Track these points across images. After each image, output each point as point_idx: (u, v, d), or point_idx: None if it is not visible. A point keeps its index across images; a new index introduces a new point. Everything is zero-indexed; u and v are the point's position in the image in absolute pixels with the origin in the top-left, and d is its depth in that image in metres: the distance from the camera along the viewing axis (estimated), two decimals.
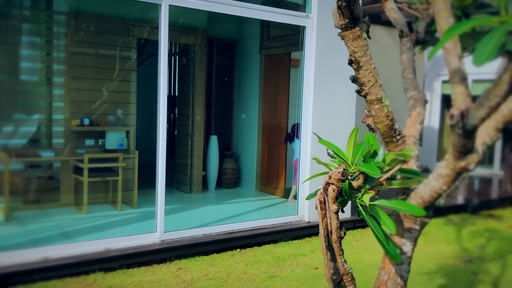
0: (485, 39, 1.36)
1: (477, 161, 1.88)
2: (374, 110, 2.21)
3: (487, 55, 1.33)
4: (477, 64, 1.34)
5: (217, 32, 7.64)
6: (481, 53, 1.34)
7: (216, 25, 7.43)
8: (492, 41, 1.34)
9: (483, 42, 1.35)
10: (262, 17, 5.57)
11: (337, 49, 5.76)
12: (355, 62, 2.16)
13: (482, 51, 1.34)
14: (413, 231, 2.20)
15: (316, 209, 2.06)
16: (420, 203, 2.10)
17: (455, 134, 1.84)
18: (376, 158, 2.05)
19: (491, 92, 1.66)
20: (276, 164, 7.24)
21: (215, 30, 7.55)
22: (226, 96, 8.14)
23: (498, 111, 2.39)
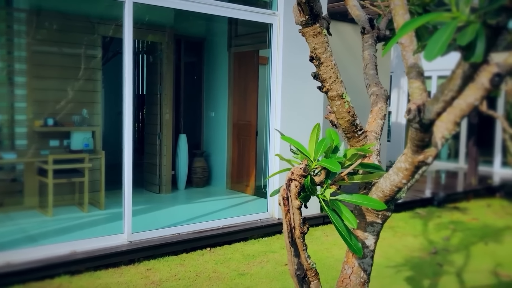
0: (436, 35, 1.38)
1: (434, 154, 1.92)
2: (335, 106, 2.23)
3: (438, 50, 1.36)
4: (427, 59, 1.37)
5: (184, 30, 7.58)
6: (432, 49, 1.36)
7: (184, 23, 7.37)
8: (443, 37, 1.37)
9: (434, 37, 1.38)
10: (228, 15, 5.55)
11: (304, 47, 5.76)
12: (316, 58, 2.17)
13: (433, 46, 1.36)
14: (376, 224, 2.24)
15: (280, 205, 2.06)
16: (381, 197, 2.14)
17: (412, 128, 1.87)
18: (338, 154, 2.07)
19: (446, 87, 1.69)
20: (246, 162, 7.24)
21: (183, 28, 7.48)
22: (195, 94, 8.08)
23: (455, 105, 2.46)
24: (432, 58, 1.36)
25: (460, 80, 1.64)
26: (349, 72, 9.36)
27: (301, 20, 2.09)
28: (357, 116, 2.29)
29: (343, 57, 9.00)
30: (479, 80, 2.32)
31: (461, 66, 1.63)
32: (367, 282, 2.27)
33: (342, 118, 2.26)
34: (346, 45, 8.97)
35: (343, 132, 2.36)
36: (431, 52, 1.36)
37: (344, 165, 2.08)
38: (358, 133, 2.31)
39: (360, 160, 2.04)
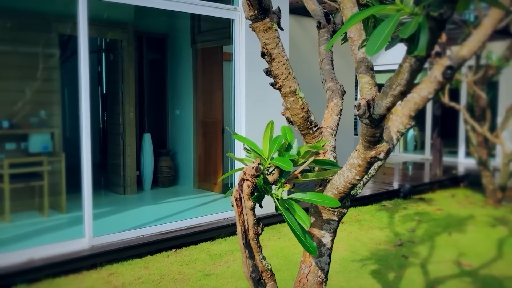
0: (378, 28, 1.34)
1: (386, 149, 1.89)
2: (289, 103, 2.19)
3: (380, 44, 1.32)
4: (369, 53, 1.33)
5: (146, 26, 7.41)
6: (374, 42, 1.32)
7: (145, 19, 7.20)
8: (385, 30, 1.33)
9: (376, 31, 1.34)
10: (188, 10, 5.44)
11: None
12: (267, 54, 2.12)
13: (375, 40, 1.32)
14: (332, 222, 2.20)
15: (232, 206, 2.00)
16: (335, 193, 2.10)
17: (363, 124, 1.84)
18: (291, 151, 2.02)
19: (394, 81, 1.66)
20: (213, 160, 7.15)
21: (144, 25, 7.32)
22: (159, 92, 7.93)
23: (410, 99, 2.44)
24: (374, 52, 1.32)
25: (408, 74, 1.61)
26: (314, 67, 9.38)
27: (251, 15, 2.03)
28: (312, 112, 2.26)
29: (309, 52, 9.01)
30: (432, 74, 2.31)
31: (408, 60, 1.60)
32: (325, 281, 2.24)
33: (296, 115, 2.22)
34: (311, 40, 8.97)
35: (298, 129, 2.32)
36: (373, 46, 1.32)
37: (297, 163, 2.04)
38: (313, 129, 2.27)
39: (313, 157, 2.00)
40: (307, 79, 9.27)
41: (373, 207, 7.05)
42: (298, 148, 2.04)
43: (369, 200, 7.29)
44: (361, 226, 6.00)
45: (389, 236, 5.59)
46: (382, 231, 5.82)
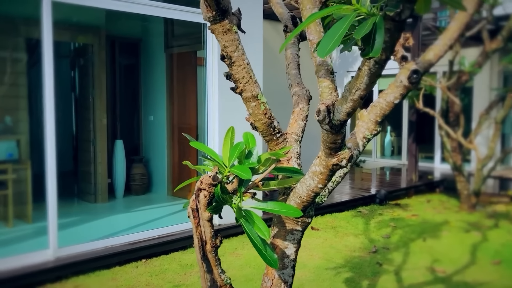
0: (331, 29, 1.27)
1: (348, 156, 1.81)
2: (251, 108, 2.10)
3: (332, 45, 1.24)
4: (320, 55, 1.25)
5: (118, 30, 7.26)
6: (326, 44, 1.24)
7: (117, 23, 7.06)
8: (338, 31, 1.25)
9: (329, 32, 1.26)
10: (159, 14, 5.32)
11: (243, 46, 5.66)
12: (227, 57, 2.03)
13: (327, 41, 1.24)
14: (296, 232, 2.12)
15: (189, 217, 1.89)
16: (298, 202, 2.02)
17: (323, 130, 1.76)
18: (251, 158, 1.93)
19: (353, 86, 1.59)
20: (187, 167, 7.00)
21: (116, 29, 7.17)
22: (133, 98, 7.77)
23: (376, 104, 2.38)
24: (325, 54, 1.24)
25: (367, 77, 1.54)
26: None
27: (209, 16, 1.94)
28: (275, 118, 2.17)
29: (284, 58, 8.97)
30: (398, 78, 2.25)
31: (366, 63, 1.53)
32: None
33: (258, 121, 2.13)
34: None
35: (261, 135, 2.23)
36: (324, 47, 1.24)
37: (258, 171, 1.95)
38: (277, 135, 2.19)
39: (274, 165, 1.91)
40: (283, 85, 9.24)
41: (349, 213, 7.01)
42: (259, 156, 1.95)
43: (345, 206, 7.25)
44: (337, 233, 5.94)
45: (364, 243, 5.54)
46: (357, 237, 5.77)
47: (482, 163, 6.98)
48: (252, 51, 5.93)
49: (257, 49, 5.98)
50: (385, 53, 1.48)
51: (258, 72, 6.01)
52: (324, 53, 1.24)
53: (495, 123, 6.73)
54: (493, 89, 7.59)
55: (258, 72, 6.01)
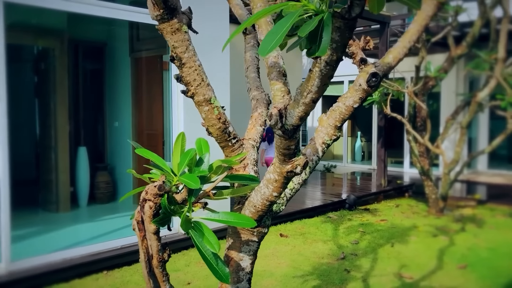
0: (275, 27, 1.17)
1: (303, 163, 1.72)
2: (204, 112, 1.99)
3: (273, 44, 1.15)
4: (261, 54, 1.15)
5: (82, 34, 7.05)
6: (268, 42, 1.15)
7: (80, 27, 6.84)
8: (282, 29, 1.16)
9: (272, 30, 1.17)
10: (122, 17, 5.16)
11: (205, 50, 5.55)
12: (177, 58, 1.91)
13: (269, 40, 1.15)
14: (252, 243, 2.01)
15: (134, 230, 1.77)
16: (253, 212, 1.92)
17: (276, 135, 1.66)
18: (202, 166, 1.82)
19: (304, 88, 1.50)
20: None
21: (80, 32, 6.95)
22: (97, 103, 7.54)
23: (335, 109, 2.31)
24: (266, 53, 1.15)
25: (318, 79, 1.45)
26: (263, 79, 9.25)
27: (156, 15, 1.82)
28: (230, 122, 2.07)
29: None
30: (357, 81, 2.17)
31: (317, 65, 1.44)
32: None
33: (212, 126, 2.02)
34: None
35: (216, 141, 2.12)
36: (266, 45, 1.14)
37: (209, 179, 1.84)
38: (232, 141, 2.08)
39: (226, 173, 1.80)
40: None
41: (318, 219, 6.95)
42: (210, 163, 1.84)
43: (315, 212, 7.19)
44: (305, 240, 5.87)
45: (332, 249, 5.48)
46: (326, 244, 5.71)
47: (448, 167, 7.04)
48: (219, 56, 5.82)
49: (224, 53, 5.88)
50: (336, 54, 1.40)
51: (225, 77, 5.91)
52: (266, 52, 1.14)
53: (461, 128, 6.81)
54: (459, 94, 7.71)
55: (225, 76, 5.91)
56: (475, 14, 7.24)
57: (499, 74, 5.88)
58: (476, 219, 7.01)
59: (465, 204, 8.11)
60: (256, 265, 4.97)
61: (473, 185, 10.32)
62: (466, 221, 6.85)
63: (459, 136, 6.93)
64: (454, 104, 9.86)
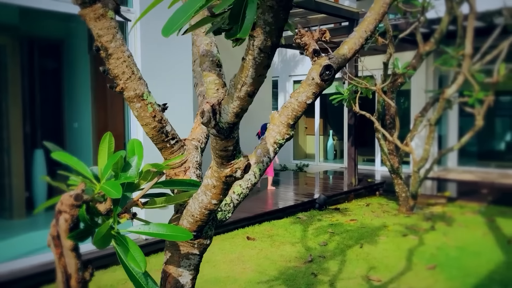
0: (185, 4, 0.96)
1: (244, 166, 1.51)
2: (136, 110, 1.76)
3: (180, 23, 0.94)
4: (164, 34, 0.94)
5: (37, 30, 6.68)
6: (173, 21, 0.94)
7: (35, 23, 6.48)
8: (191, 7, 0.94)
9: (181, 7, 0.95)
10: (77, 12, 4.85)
11: (168, 46, 5.31)
12: (103, 48, 1.68)
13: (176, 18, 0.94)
14: (192, 257, 1.79)
15: (49, 247, 1.53)
16: (191, 222, 1.70)
17: (211, 134, 1.45)
18: (129, 171, 1.59)
19: (238, 80, 1.29)
20: None
21: (34, 29, 6.59)
22: (55, 103, 7.18)
23: (287, 105, 2.11)
24: (169, 33, 0.94)
25: (252, 69, 1.24)
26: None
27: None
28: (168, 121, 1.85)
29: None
30: (310, 75, 1.98)
31: (250, 52, 1.23)
32: None
33: (146, 125, 1.79)
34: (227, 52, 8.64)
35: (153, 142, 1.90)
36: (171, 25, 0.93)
37: (138, 186, 1.61)
38: (171, 142, 1.86)
39: (157, 179, 1.58)
40: None
41: (287, 220, 6.78)
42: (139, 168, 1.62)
43: (284, 213, 7.02)
44: (273, 242, 5.68)
45: (300, 252, 5.30)
46: (294, 246, 5.53)
47: (418, 165, 6.97)
48: (183, 51, 5.58)
49: (189, 50, 5.63)
50: (271, 38, 1.19)
51: (189, 75, 5.66)
52: (168, 32, 0.93)
53: (429, 125, 6.74)
54: (427, 91, 7.66)
55: (189, 74, 5.66)
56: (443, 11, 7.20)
57: (466, 70, 5.81)
58: (446, 217, 6.96)
59: (435, 202, 8.08)
60: (219, 271, 4.74)
61: (443, 182, 10.35)
62: (436, 219, 6.79)
63: (428, 134, 6.86)
64: (424, 101, 9.85)
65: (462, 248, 5.37)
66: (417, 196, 7.31)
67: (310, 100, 2.04)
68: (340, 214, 7.23)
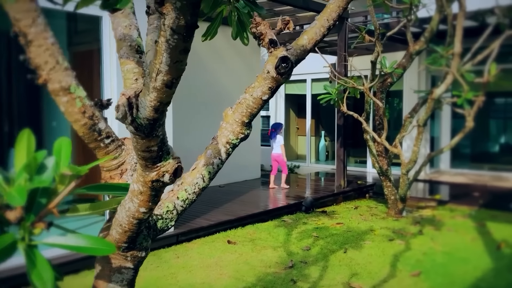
0: None
1: (172, 169, 1.31)
2: (62, 105, 1.57)
3: None
4: None
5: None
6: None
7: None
8: None
9: None
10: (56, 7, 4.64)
11: None
12: (21, 34, 1.48)
13: None
14: (125, 270, 1.59)
15: None
16: (121, 232, 1.50)
17: (131, 133, 1.25)
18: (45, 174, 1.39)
19: (153, 68, 1.09)
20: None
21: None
22: (32, 101, 6.95)
23: (242, 102, 1.92)
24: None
25: (166, 54, 1.04)
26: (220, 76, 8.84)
27: None
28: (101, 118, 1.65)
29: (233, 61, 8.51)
30: (265, 68, 1.79)
31: (162, 33, 1.04)
32: None
33: (75, 122, 1.60)
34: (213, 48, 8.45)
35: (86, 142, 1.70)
36: None
37: (56, 191, 1.41)
38: (105, 141, 1.66)
39: (74, 185, 1.38)
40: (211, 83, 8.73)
41: (272, 223, 6.58)
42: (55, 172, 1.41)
43: (269, 215, 6.81)
44: (254, 246, 5.47)
45: (282, 257, 5.10)
46: (275, 251, 5.33)
47: (406, 167, 6.78)
48: None
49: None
50: (184, 17, 1.00)
51: None
52: None
53: (418, 126, 6.55)
54: (416, 92, 7.47)
55: None
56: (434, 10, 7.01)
57: (455, 70, 5.62)
58: (435, 220, 6.77)
59: (425, 205, 7.90)
60: (195, 277, 4.52)
61: (435, 184, 10.17)
62: (424, 223, 6.60)
63: (416, 135, 6.67)
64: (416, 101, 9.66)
65: (449, 254, 5.18)
66: (406, 199, 7.12)
67: (266, 96, 1.84)
68: (326, 217, 7.03)
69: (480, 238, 5.82)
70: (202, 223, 5.98)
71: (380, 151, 7.24)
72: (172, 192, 1.75)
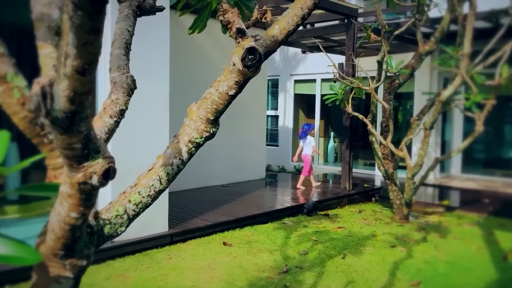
0: None
1: (102, 170, 1.15)
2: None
3: None
4: None
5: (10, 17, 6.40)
6: None
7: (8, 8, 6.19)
8: None
9: None
10: None
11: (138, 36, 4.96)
12: None
13: None
14: (64, 280, 1.43)
15: None
16: (54, 239, 1.34)
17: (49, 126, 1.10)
18: None
19: (61, 52, 0.93)
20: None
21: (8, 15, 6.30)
22: None
23: (207, 97, 1.76)
24: None
25: (72, 34, 0.88)
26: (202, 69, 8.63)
27: None
28: None
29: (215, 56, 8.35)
30: (231, 60, 1.63)
31: (65, 9, 0.88)
32: None
33: (14, 114, 1.44)
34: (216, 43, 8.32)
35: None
36: None
37: None
38: (49, 137, 1.50)
39: None
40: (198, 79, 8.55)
41: (271, 226, 6.40)
42: None
43: (269, 217, 6.64)
44: (250, 249, 5.31)
45: (277, 261, 4.93)
46: (272, 254, 5.16)
47: (412, 171, 6.54)
48: (158, 43, 5.25)
49: (163, 41, 5.31)
50: None
51: (164, 65, 5.33)
52: None
53: (425, 129, 6.32)
54: (424, 93, 7.22)
55: (164, 65, 5.33)
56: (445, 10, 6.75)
57: (464, 71, 5.38)
58: (441, 227, 6.53)
59: (432, 210, 7.65)
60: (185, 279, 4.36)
61: (445, 190, 9.88)
62: (429, 230, 6.36)
63: (423, 138, 6.43)
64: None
65: (452, 263, 4.95)
66: (412, 204, 6.88)
67: (232, 91, 1.67)
68: (328, 220, 6.83)
69: (486, 247, 5.58)
70: (199, 223, 5.84)
71: (386, 154, 7.02)
72: (124, 194, 1.59)
